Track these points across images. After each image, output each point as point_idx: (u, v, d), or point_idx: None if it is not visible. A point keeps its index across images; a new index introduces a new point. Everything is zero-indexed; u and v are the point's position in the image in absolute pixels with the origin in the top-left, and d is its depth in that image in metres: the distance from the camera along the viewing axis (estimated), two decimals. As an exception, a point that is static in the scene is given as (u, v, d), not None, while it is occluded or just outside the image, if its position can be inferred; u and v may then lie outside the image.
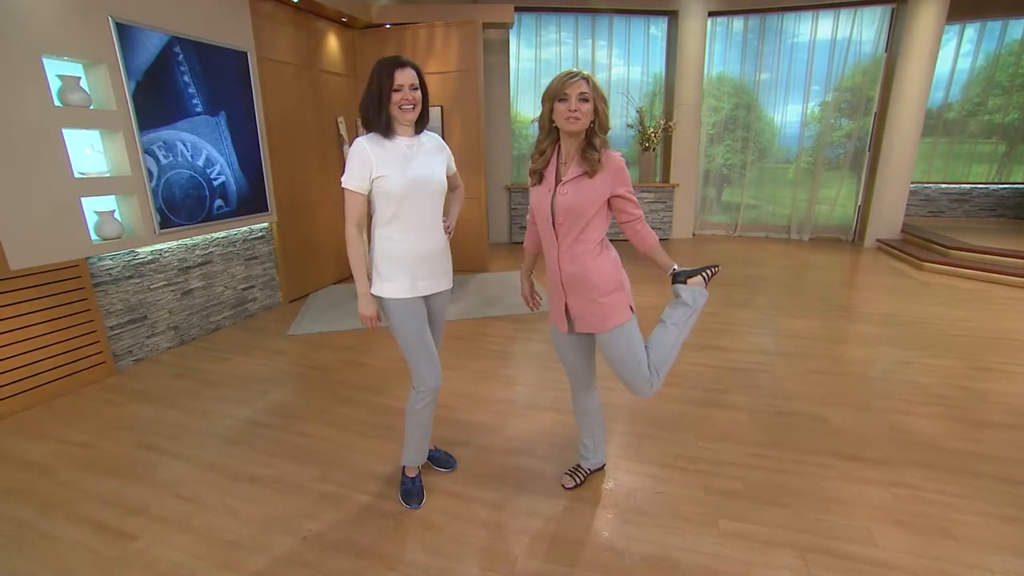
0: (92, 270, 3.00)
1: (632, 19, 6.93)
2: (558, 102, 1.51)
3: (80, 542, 1.77)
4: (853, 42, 6.48)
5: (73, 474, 2.17)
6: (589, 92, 1.49)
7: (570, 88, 1.49)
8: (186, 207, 3.42)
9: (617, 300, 1.63)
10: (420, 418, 1.89)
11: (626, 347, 1.64)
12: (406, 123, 1.69)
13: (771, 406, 2.62)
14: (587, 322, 1.66)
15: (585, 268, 1.61)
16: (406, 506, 1.92)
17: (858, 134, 6.70)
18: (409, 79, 1.64)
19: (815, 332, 3.66)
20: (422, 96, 1.69)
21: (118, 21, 3.01)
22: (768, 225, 7.41)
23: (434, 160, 1.76)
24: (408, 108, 1.65)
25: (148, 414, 2.66)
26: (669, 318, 1.70)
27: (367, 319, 1.75)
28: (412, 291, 1.75)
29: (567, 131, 1.53)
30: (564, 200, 1.57)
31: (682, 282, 1.70)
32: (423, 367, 1.81)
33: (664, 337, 1.68)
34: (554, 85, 1.52)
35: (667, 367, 1.68)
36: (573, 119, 1.49)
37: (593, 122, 1.52)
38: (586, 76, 1.50)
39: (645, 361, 1.65)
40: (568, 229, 1.60)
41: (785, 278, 5.26)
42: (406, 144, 1.71)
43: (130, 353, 3.23)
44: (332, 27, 4.83)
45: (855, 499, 1.93)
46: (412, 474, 1.99)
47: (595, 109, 1.51)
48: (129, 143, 3.09)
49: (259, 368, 3.20)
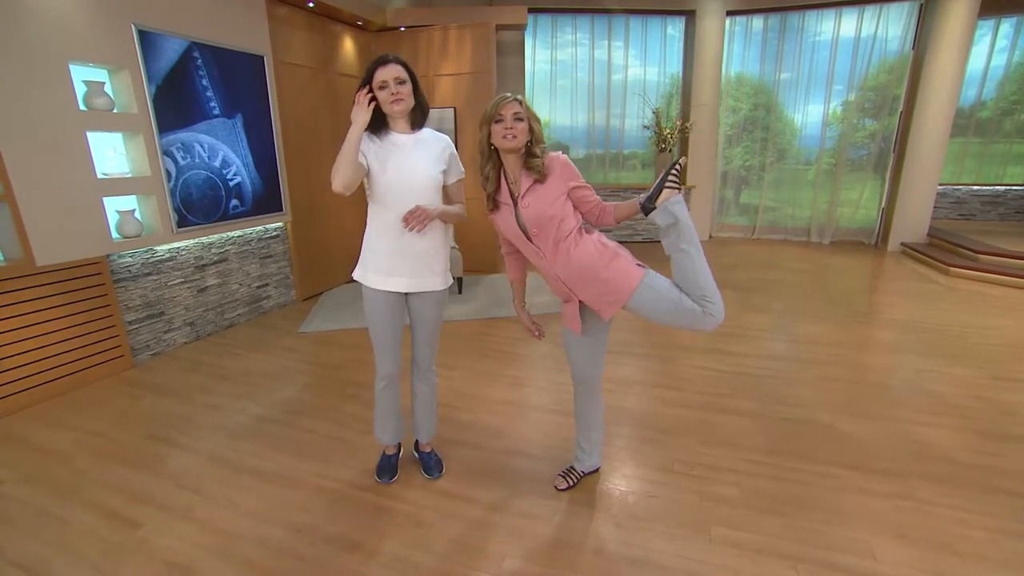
0: (112, 267, 3.12)
1: (649, 19, 6.87)
2: (494, 124, 1.60)
3: (89, 527, 1.85)
4: (878, 39, 6.29)
5: (88, 462, 2.26)
6: (522, 112, 1.59)
7: (504, 109, 1.58)
8: (203, 207, 3.53)
9: (620, 266, 1.63)
10: (381, 398, 2.00)
11: (657, 298, 1.61)
12: (398, 116, 1.72)
13: (777, 412, 2.57)
14: (608, 302, 1.65)
15: (576, 260, 1.63)
16: (379, 480, 2.05)
17: (883, 134, 6.50)
18: (393, 74, 1.66)
19: (831, 338, 3.57)
20: (413, 89, 1.71)
21: (141, 28, 3.12)
22: (787, 228, 7.24)
23: (427, 156, 1.77)
24: (398, 103, 1.68)
25: (161, 407, 2.75)
26: (670, 248, 1.64)
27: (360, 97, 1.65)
28: (385, 284, 1.80)
29: (506, 149, 1.61)
30: (529, 212, 1.63)
31: (653, 208, 1.62)
32: (378, 356, 1.92)
33: (682, 266, 1.61)
34: (489, 110, 1.61)
35: (709, 288, 1.59)
36: (510, 136, 1.58)
37: (529, 141, 1.61)
38: (518, 98, 1.60)
39: (685, 298, 1.60)
40: (545, 237, 1.64)
41: (803, 282, 5.14)
42: (402, 140, 1.74)
43: (147, 348, 3.35)
44: (348, 30, 4.92)
45: (857, 510, 1.88)
46: (390, 451, 2.12)
47: (530, 128, 1.60)
48: (149, 145, 3.20)
49: (270, 364, 3.28)
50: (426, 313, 1.92)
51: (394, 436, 2.08)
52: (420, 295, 1.88)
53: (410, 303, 1.91)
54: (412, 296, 1.88)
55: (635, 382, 2.93)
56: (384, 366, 1.92)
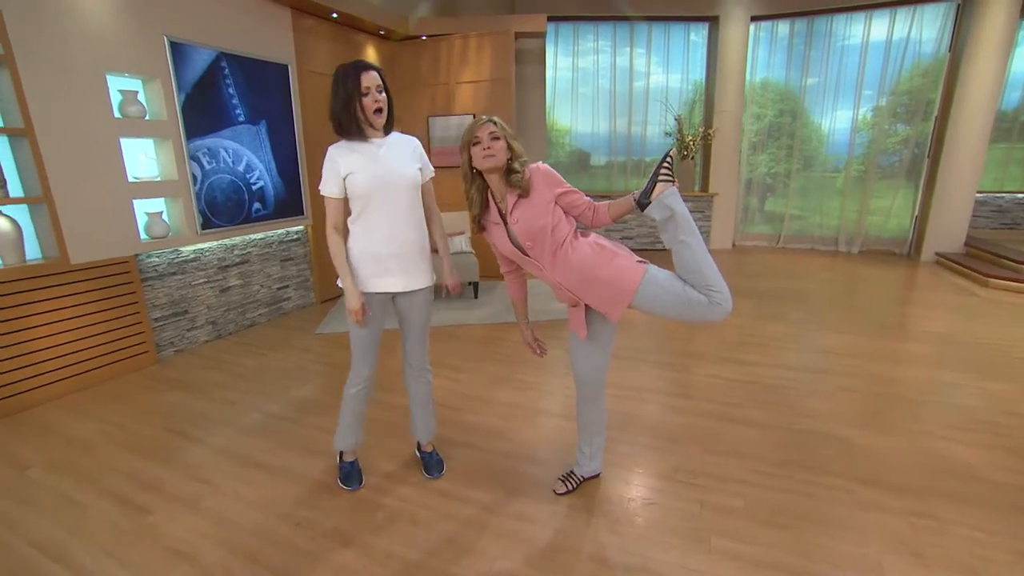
0: (140, 266, 3.27)
1: (672, 26, 6.82)
2: (473, 147, 1.62)
3: (104, 513, 1.93)
4: (912, 42, 6.08)
5: (108, 451, 2.36)
6: (498, 131, 1.62)
7: (480, 131, 1.61)
8: (227, 210, 3.66)
9: (621, 265, 1.62)
10: (352, 403, 1.98)
11: (662, 293, 1.60)
12: (377, 126, 1.77)
13: (789, 423, 2.49)
14: (614, 302, 1.64)
15: (576, 264, 1.63)
16: (347, 488, 2.02)
17: (916, 140, 6.27)
18: (375, 81, 1.71)
19: (853, 349, 3.44)
20: (387, 97, 1.76)
21: (173, 40, 3.28)
22: (814, 236, 7.03)
23: (402, 154, 1.82)
24: (379, 113, 1.73)
25: (179, 401, 2.86)
26: (670, 241, 1.62)
27: (354, 312, 1.78)
28: (377, 286, 1.83)
29: (487, 168, 1.62)
30: (520, 227, 1.64)
31: (648, 203, 1.60)
32: (358, 359, 1.92)
33: (683, 258, 1.59)
34: (465, 134, 1.64)
35: (714, 277, 1.57)
36: (489, 156, 1.60)
37: (509, 158, 1.63)
38: (493, 119, 1.64)
39: (690, 290, 1.59)
40: (541, 248, 1.64)
41: (827, 291, 4.98)
42: (376, 144, 1.79)
43: (171, 344, 3.48)
44: (371, 40, 5.05)
45: (868, 526, 1.80)
46: (349, 458, 2.09)
47: (508, 145, 1.62)
48: (177, 150, 3.35)
49: (286, 363, 3.36)
50: (417, 311, 1.95)
51: (356, 441, 2.08)
52: (410, 294, 1.91)
53: (399, 304, 1.93)
54: (401, 297, 1.91)
55: (645, 389, 2.89)
56: (365, 369, 1.94)
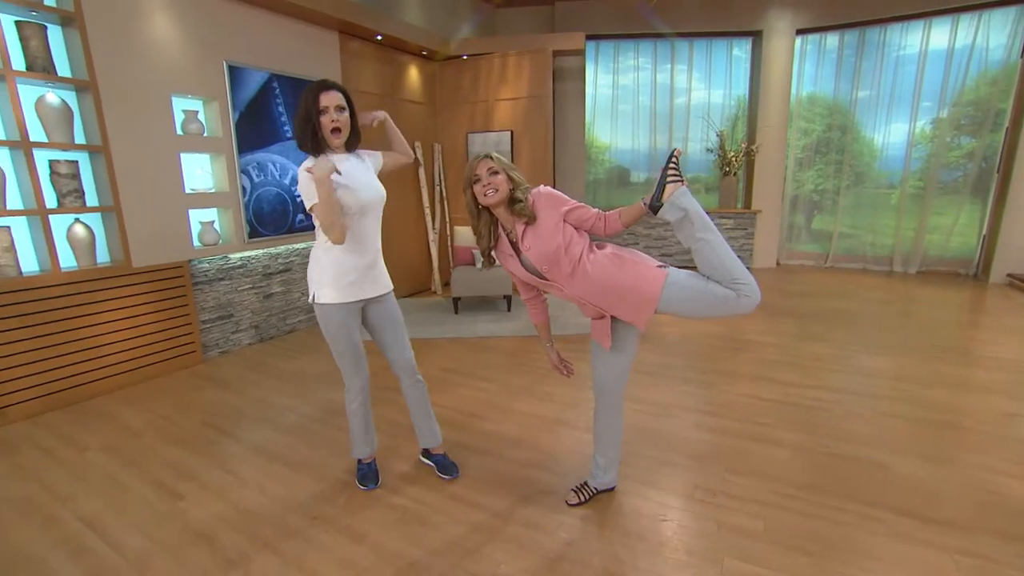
0: (192, 271, 3.52)
1: (714, 42, 6.75)
2: (474, 185, 1.65)
3: (142, 495, 2.08)
4: (977, 49, 5.73)
5: (153, 440, 2.54)
6: (495, 165, 1.64)
7: (479, 169, 1.64)
8: (272, 220, 3.89)
9: (641, 272, 1.62)
10: (358, 414, 2.05)
11: (686, 294, 1.60)
12: (335, 146, 1.82)
13: (822, 446, 2.36)
14: (641, 309, 1.63)
15: (596, 278, 1.63)
16: (364, 488, 2.08)
17: (984, 153, 5.86)
18: (335, 100, 1.76)
19: (903, 373, 3.22)
20: (350, 116, 1.81)
21: (231, 64, 3.57)
22: (866, 256, 6.65)
23: (370, 171, 1.92)
24: (336, 133, 1.77)
25: (220, 399, 3.03)
26: (688, 240, 1.60)
27: (327, 168, 1.66)
28: (356, 295, 1.88)
29: (490, 204, 1.64)
30: (533, 253, 1.65)
31: (660, 206, 1.58)
32: (350, 371, 1.97)
33: (704, 255, 1.58)
34: (466, 174, 1.67)
35: (738, 270, 1.56)
36: (491, 191, 1.62)
37: (512, 188, 1.64)
38: (489, 155, 1.66)
39: (714, 286, 1.58)
40: (559, 270, 1.65)
41: (877, 312, 4.69)
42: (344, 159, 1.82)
43: (217, 346, 3.70)
44: (414, 60, 5.28)
45: (903, 560, 1.67)
46: (367, 460, 2.15)
47: (508, 178, 1.64)
48: (230, 164, 3.61)
49: (320, 368, 3.50)
50: (391, 314, 2.01)
51: (371, 449, 2.14)
52: (380, 300, 1.98)
53: (372, 313, 1.98)
54: (373, 305, 1.97)
55: (671, 405, 2.81)
56: (356, 380, 1.99)
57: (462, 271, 4.66)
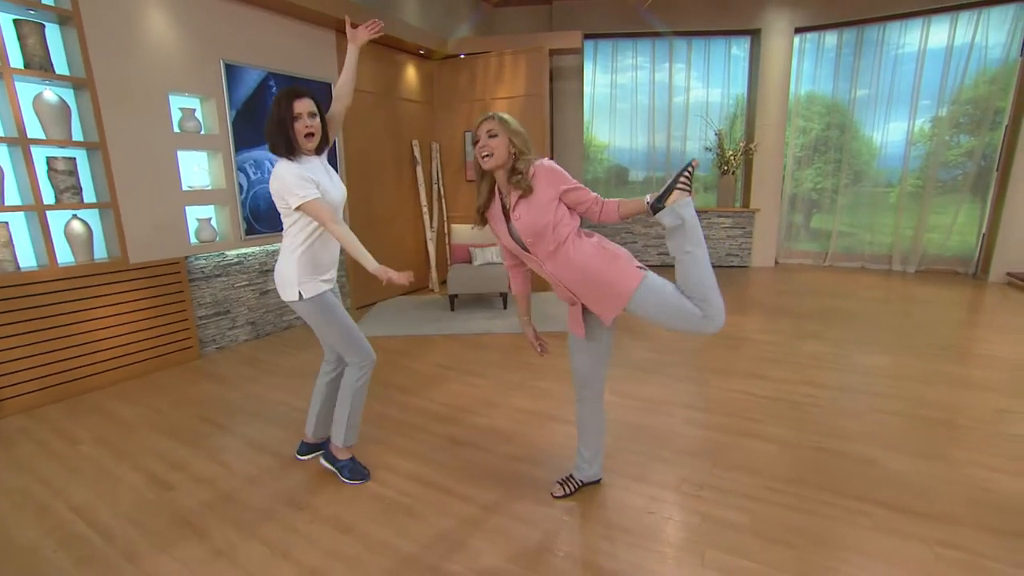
0: (189, 267, 3.55)
1: (712, 41, 6.75)
2: (474, 145, 1.66)
3: (134, 486, 2.10)
4: (976, 48, 5.71)
5: (147, 433, 2.56)
6: (496, 127, 1.61)
7: (479, 129, 1.64)
8: (269, 217, 3.92)
9: (620, 268, 1.63)
10: (364, 392, 2.09)
11: (658, 300, 1.61)
12: (307, 151, 1.88)
13: (811, 442, 2.36)
14: (610, 304, 1.65)
15: (576, 264, 1.64)
16: (361, 482, 2.08)
17: (983, 152, 5.84)
18: (307, 107, 1.82)
19: (897, 370, 3.22)
20: (321, 123, 1.87)
21: (228, 63, 3.59)
22: (865, 255, 6.63)
23: (335, 173, 2.04)
24: (310, 138, 1.84)
25: (215, 393, 3.05)
26: (676, 250, 1.61)
27: (395, 274, 1.87)
28: (326, 285, 2.01)
29: (486, 168, 1.65)
30: (521, 224, 1.65)
31: (662, 208, 1.59)
32: (363, 342, 2.06)
33: (686, 268, 1.59)
34: (473, 130, 1.67)
35: (712, 292, 1.58)
36: (487, 156, 1.62)
37: (514, 155, 1.63)
38: (493, 116, 1.64)
39: (686, 301, 1.59)
40: (542, 245, 1.65)
41: (874, 311, 4.68)
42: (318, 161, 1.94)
43: (213, 341, 3.73)
44: (411, 59, 5.31)
45: (886, 553, 1.67)
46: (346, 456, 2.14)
47: (510, 142, 1.62)
48: (226, 161, 3.64)
49: (316, 364, 3.46)
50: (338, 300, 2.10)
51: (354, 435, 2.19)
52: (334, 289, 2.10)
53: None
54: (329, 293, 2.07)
55: (663, 401, 2.82)
56: (371, 350, 2.09)
57: (459, 269, 4.68)
